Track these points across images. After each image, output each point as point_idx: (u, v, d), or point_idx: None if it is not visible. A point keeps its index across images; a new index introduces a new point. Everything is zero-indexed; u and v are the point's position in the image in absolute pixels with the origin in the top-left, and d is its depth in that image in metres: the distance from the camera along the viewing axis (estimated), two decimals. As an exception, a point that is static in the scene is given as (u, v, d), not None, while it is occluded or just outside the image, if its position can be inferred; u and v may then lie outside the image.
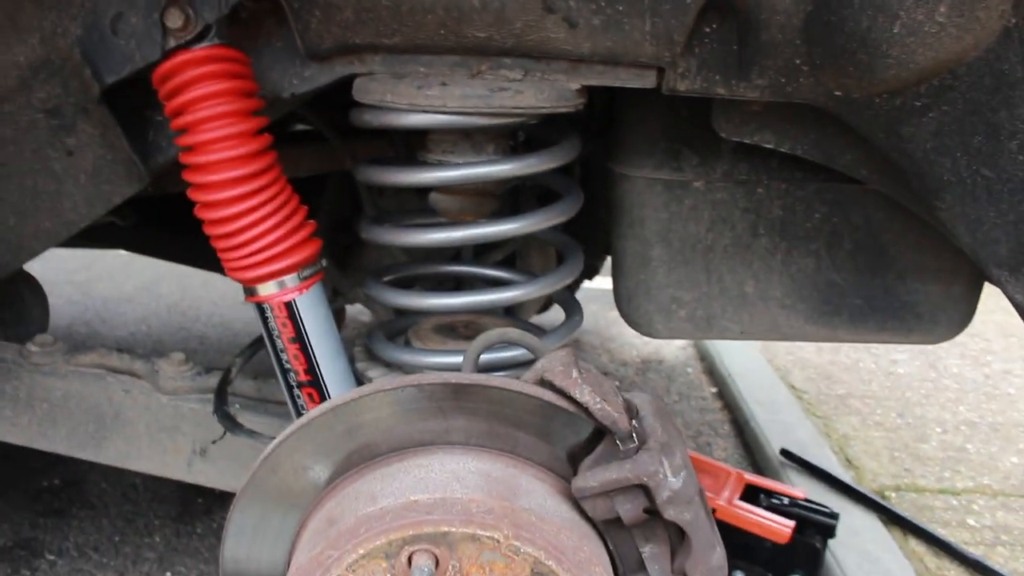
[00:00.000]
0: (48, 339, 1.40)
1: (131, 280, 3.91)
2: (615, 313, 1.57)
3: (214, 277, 3.81)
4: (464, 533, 0.79)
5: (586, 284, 2.87)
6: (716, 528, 0.88)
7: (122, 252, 3.98)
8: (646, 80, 1.14)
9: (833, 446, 2.68)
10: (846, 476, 2.45)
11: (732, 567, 1.90)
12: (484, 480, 0.82)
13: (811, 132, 1.24)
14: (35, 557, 1.96)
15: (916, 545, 2.24)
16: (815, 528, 1.95)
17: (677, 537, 0.86)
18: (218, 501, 2.17)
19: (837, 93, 1.11)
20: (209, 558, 1.99)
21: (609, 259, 2.19)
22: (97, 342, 2.96)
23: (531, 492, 0.83)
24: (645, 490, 0.82)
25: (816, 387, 3.11)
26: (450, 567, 0.80)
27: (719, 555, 0.86)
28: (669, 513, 0.82)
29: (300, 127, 1.81)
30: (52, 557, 1.97)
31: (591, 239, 1.72)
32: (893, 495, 2.48)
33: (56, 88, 1.10)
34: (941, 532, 2.25)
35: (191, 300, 3.74)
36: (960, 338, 1.51)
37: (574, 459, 0.87)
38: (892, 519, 2.30)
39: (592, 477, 0.82)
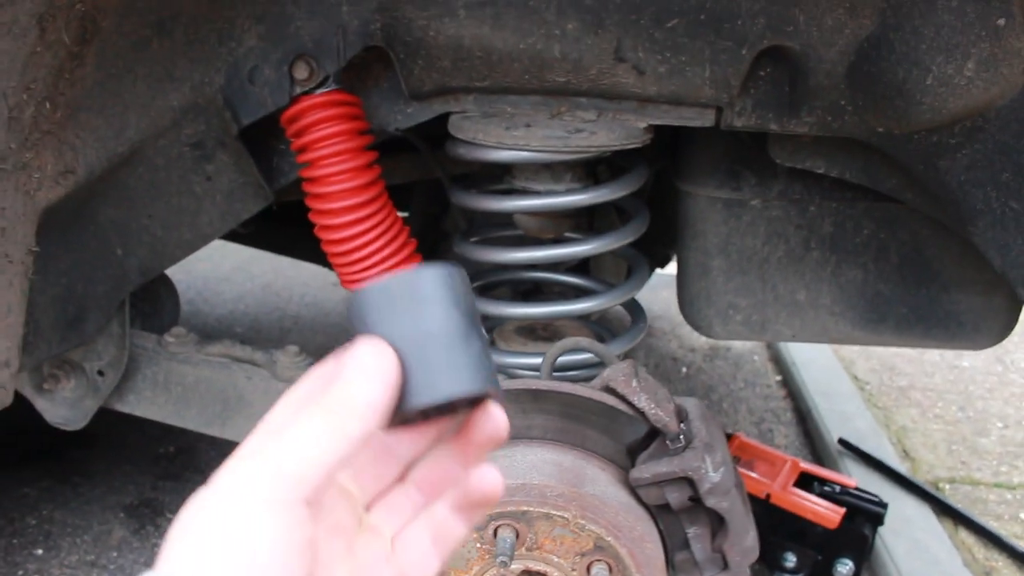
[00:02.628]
0: (182, 331, 1.62)
1: (227, 260, 4.16)
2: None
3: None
4: (540, 512, 0.97)
5: (659, 271, 3.01)
6: (751, 515, 1.04)
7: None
8: (706, 119, 1.28)
9: (891, 437, 2.77)
10: (902, 467, 2.54)
11: (784, 549, 2.04)
12: (557, 469, 1.00)
13: (858, 160, 1.36)
14: (157, 515, 2.22)
15: (966, 536, 2.32)
16: (865, 516, 2.08)
17: (717, 522, 1.03)
18: (314, 471, 2.39)
19: (879, 130, 1.24)
20: (308, 522, 2.21)
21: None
22: (201, 321, 3.21)
23: (595, 480, 1.01)
24: (690, 482, 0.99)
25: (879, 378, 3.19)
26: (528, 539, 0.99)
27: (752, 537, 1.02)
28: (710, 501, 0.98)
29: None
30: (171, 515, 2.22)
31: (665, 233, 1.86)
32: (947, 487, 2.56)
33: (201, 126, 1.30)
34: (993, 525, 2.34)
35: (284, 281, 3.98)
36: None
37: (632, 453, 1.04)
38: (944, 510, 2.39)
39: (646, 469, 0.99)
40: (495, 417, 0.62)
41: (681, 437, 0.98)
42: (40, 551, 2.06)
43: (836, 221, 1.55)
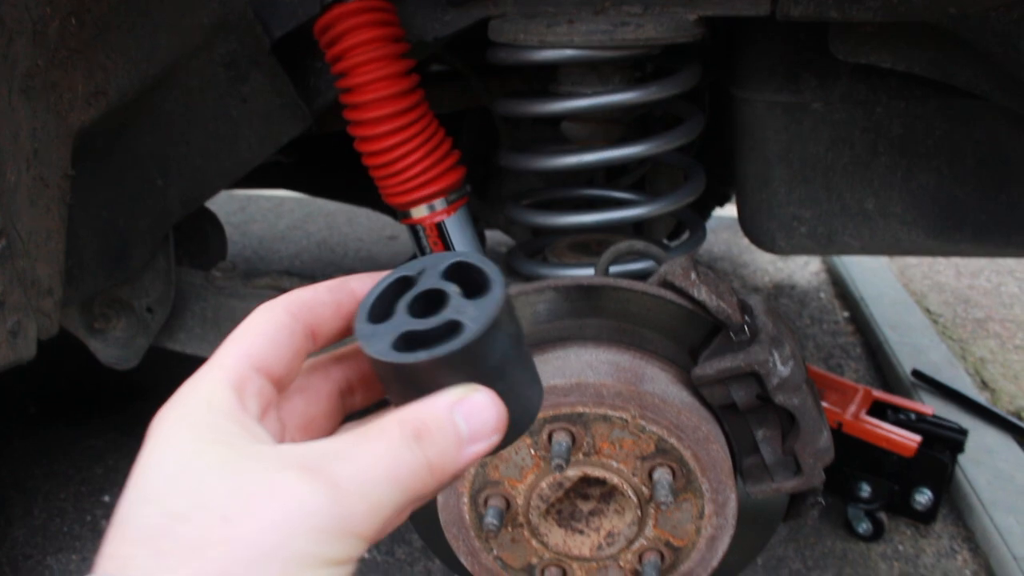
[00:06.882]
0: (229, 265, 1.59)
1: (282, 220, 4.18)
2: (747, 241, 1.63)
3: (359, 215, 4.04)
4: (596, 414, 0.92)
5: (719, 212, 2.91)
6: (824, 414, 0.97)
7: (273, 194, 4.26)
8: (760, 7, 1.20)
9: (968, 368, 2.66)
10: (980, 397, 2.44)
11: (858, 479, 1.96)
12: (614, 369, 0.94)
13: (928, 50, 1.26)
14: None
15: (1052, 465, 2.22)
16: (943, 444, 1.98)
17: (788, 422, 0.96)
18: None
19: (951, 10, 1.15)
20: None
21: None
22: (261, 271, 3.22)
23: (655, 379, 0.94)
24: (757, 378, 0.92)
25: (953, 311, 3.07)
26: (585, 443, 0.93)
27: (826, 438, 0.95)
28: (779, 398, 0.91)
29: (437, 68, 1.93)
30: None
31: (724, 166, 1.77)
32: (1031, 417, 2.45)
33: (233, 44, 1.25)
34: (1081, 454, 2.23)
35: (338, 237, 3.97)
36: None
37: (694, 353, 0.98)
38: (1027, 439, 2.29)
39: (709, 366, 0.92)
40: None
41: (746, 330, 0.92)
42: (107, 498, 2.08)
43: (905, 122, 1.45)
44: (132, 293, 1.51)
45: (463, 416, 0.47)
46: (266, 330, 0.51)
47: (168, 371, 1.66)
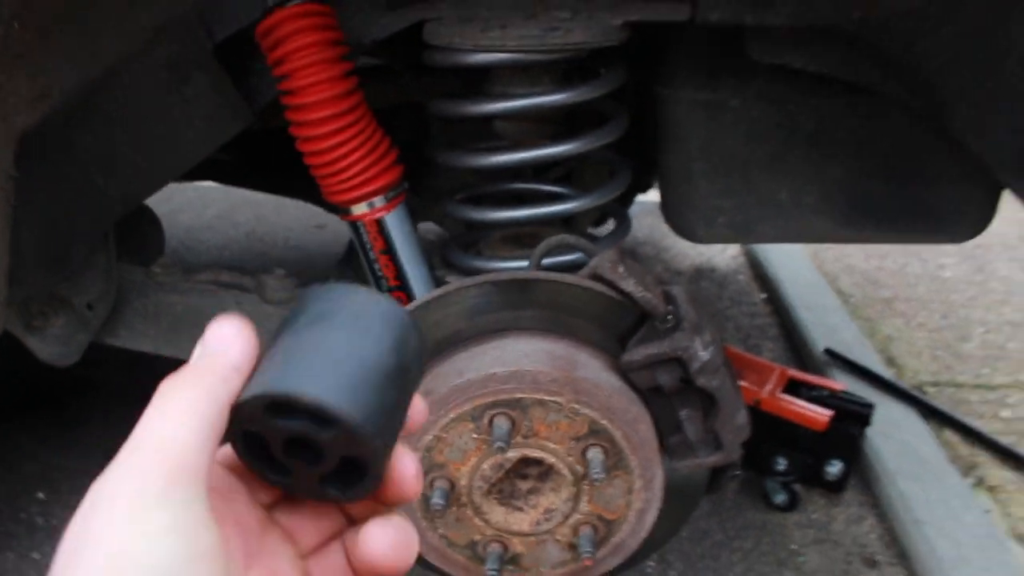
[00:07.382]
0: (168, 261, 1.62)
1: (209, 210, 4.14)
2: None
3: (286, 204, 4.02)
4: (534, 399, 0.99)
5: (642, 199, 3.00)
6: (741, 394, 1.05)
7: (199, 184, 4.22)
8: (680, 12, 1.28)
9: (876, 346, 2.81)
10: (887, 373, 2.59)
11: (775, 454, 2.08)
12: (549, 357, 1.01)
13: (837, 52, 1.35)
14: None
15: (950, 435, 2.37)
16: (853, 418, 2.12)
17: (708, 403, 1.05)
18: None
19: (856, 15, 1.24)
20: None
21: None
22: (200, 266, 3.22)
23: (587, 366, 1.02)
24: (681, 363, 1.00)
25: (862, 291, 3.22)
26: (523, 426, 1.00)
27: (743, 415, 1.04)
28: (700, 380, 1.00)
29: (368, 62, 1.97)
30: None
31: (646, 156, 1.85)
32: (932, 390, 2.61)
33: (175, 46, 1.28)
34: (975, 423, 2.39)
35: (267, 227, 3.96)
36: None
37: (622, 340, 1.05)
38: (929, 412, 2.43)
39: (637, 353, 1.00)
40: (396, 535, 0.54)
41: (669, 318, 1.00)
42: (42, 495, 2.08)
43: (817, 119, 1.54)
44: (72, 290, 1.52)
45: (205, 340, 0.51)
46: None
47: (104, 368, 1.68)
